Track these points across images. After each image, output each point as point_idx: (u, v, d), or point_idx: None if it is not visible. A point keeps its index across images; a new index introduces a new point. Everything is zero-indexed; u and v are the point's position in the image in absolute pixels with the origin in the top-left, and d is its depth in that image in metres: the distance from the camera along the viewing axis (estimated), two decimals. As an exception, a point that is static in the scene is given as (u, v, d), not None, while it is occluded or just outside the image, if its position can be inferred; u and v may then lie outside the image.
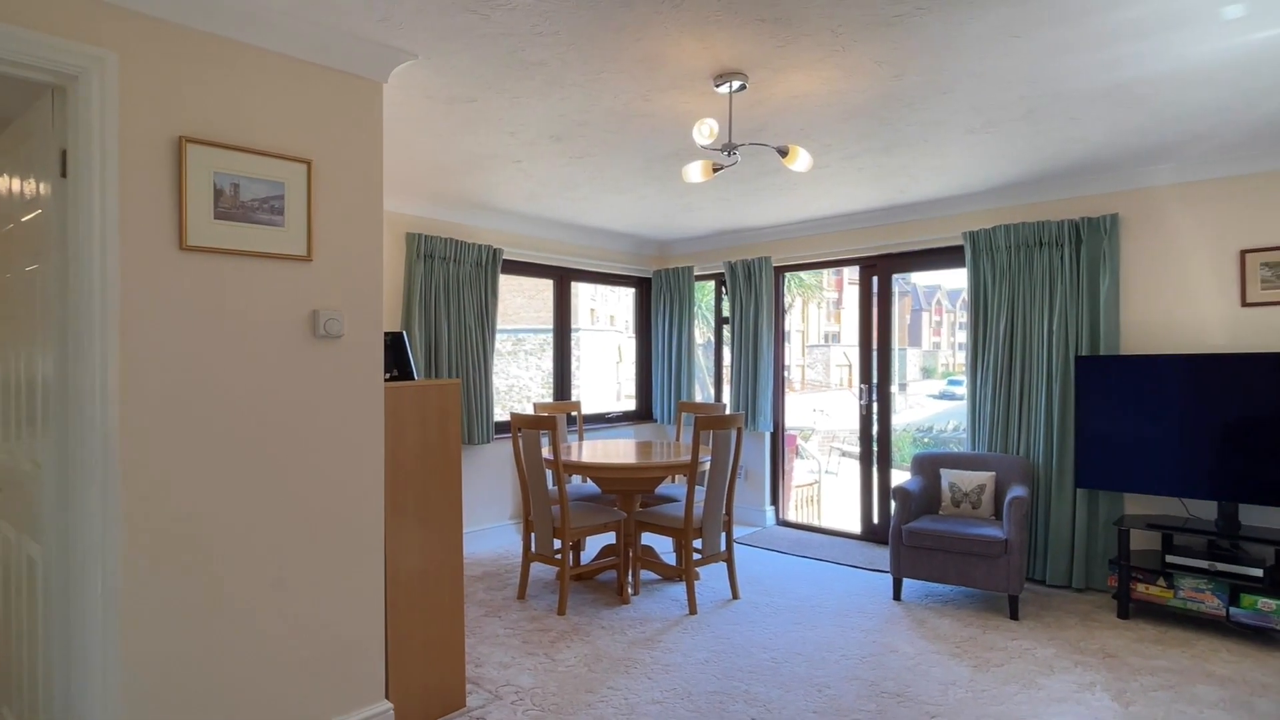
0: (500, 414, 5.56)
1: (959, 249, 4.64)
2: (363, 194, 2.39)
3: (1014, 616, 3.64)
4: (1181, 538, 3.69)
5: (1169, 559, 3.54)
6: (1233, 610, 3.36)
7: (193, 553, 2.03)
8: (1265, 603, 3.27)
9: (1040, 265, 4.22)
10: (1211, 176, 3.79)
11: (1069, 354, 4.10)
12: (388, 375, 2.73)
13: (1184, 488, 3.63)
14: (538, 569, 4.48)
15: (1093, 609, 3.78)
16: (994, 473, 4.12)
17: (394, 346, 2.79)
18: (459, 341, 4.78)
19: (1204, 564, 3.44)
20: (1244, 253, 3.72)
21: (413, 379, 2.75)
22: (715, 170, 2.93)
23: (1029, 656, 3.18)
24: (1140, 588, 3.61)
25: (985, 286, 4.47)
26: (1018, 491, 3.76)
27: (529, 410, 6.12)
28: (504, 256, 5.11)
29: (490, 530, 5.09)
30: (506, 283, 5.39)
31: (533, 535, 3.93)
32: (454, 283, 4.76)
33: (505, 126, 3.20)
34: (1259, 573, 3.30)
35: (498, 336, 5.21)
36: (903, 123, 3.18)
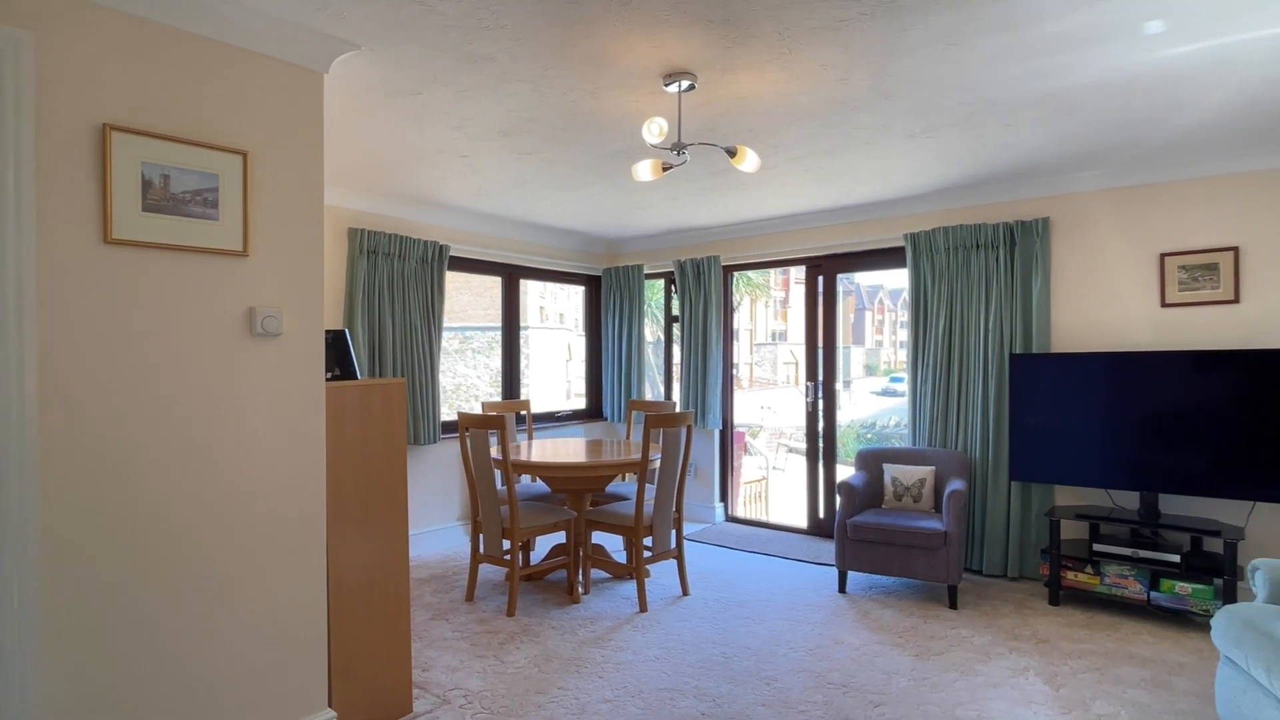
0: (447, 413, 5.47)
1: (901, 250, 4.77)
2: (302, 187, 2.31)
3: (953, 606, 3.76)
4: (1107, 527, 3.87)
5: (1096, 548, 3.72)
6: (1153, 595, 3.54)
7: (119, 561, 1.93)
8: (1182, 586, 3.47)
9: (977, 266, 4.37)
10: (1134, 183, 3.99)
11: (1004, 352, 4.26)
12: (329, 374, 2.65)
13: (1109, 479, 3.81)
14: (486, 570, 4.42)
15: (1026, 597, 3.93)
16: (934, 467, 4.25)
17: (336, 345, 2.71)
18: (404, 340, 4.68)
19: (1127, 552, 3.62)
20: (1163, 256, 3.92)
21: (356, 378, 2.68)
22: (665, 169, 2.94)
23: (967, 644, 3.30)
24: (1070, 575, 3.78)
25: (925, 286, 4.61)
26: (956, 485, 3.89)
27: (477, 409, 6.04)
28: (451, 253, 5.03)
29: (437, 532, 5.00)
30: (453, 280, 5.30)
31: (481, 536, 3.87)
32: (399, 279, 4.65)
33: (452, 121, 3.15)
34: (1176, 559, 3.49)
35: (444, 334, 5.12)
36: (847, 126, 3.24)
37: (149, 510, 1.99)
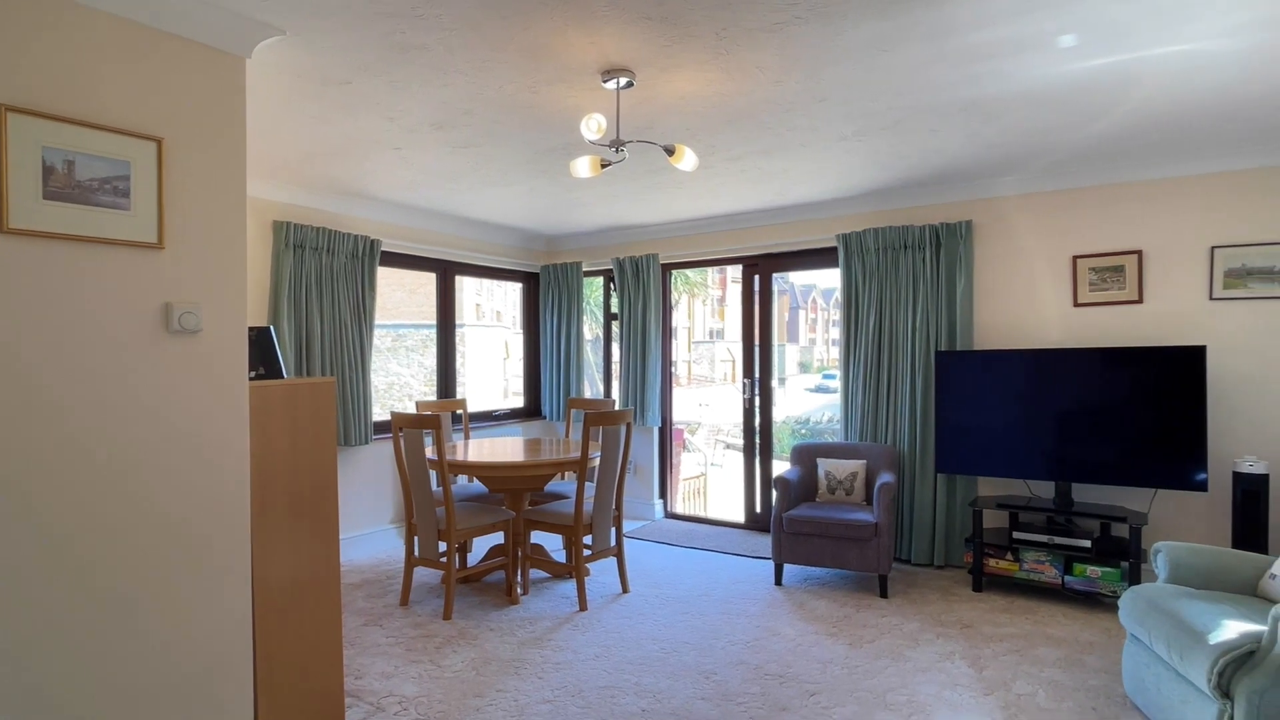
0: (380, 413, 5.32)
1: (833, 250, 4.89)
2: (223, 177, 2.20)
3: (884, 595, 3.89)
4: (1026, 516, 4.07)
5: (1015, 535, 3.90)
6: (1067, 579, 3.75)
7: (19, 577, 1.80)
8: (1093, 570, 3.68)
9: (905, 266, 4.52)
10: (1049, 188, 4.21)
11: (930, 349, 4.43)
12: (253, 373, 2.54)
13: (1027, 470, 4.01)
14: (422, 573, 4.32)
15: (952, 584, 4.10)
16: (865, 461, 4.39)
17: (260, 342, 2.60)
18: (334, 337, 4.53)
19: (1044, 539, 3.81)
20: (1075, 258, 4.15)
21: (282, 377, 2.57)
22: (603, 166, 2.93)
23: (897, 631, 3.41)
24: (992, 562, 3.96)
25: (857, 286, 4.74)
26: (886, 478, 4.02)
27: (411, 409, 5.90)
28: (383, 248, 4.89)
29: (370, 535, 4.86)
30: (386, 275, 5.15)
31: (416, 539, 3.78)
32: (327, 275, 4.49)
33: (383, 111, 3.05)
34: (1088, 544, 3.70)
35: (376, 332, 4.98)
36: (782, 128, 3.30)
37: (51, 520, 1.86)
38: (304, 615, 2.47)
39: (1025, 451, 4.01)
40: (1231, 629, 2.19)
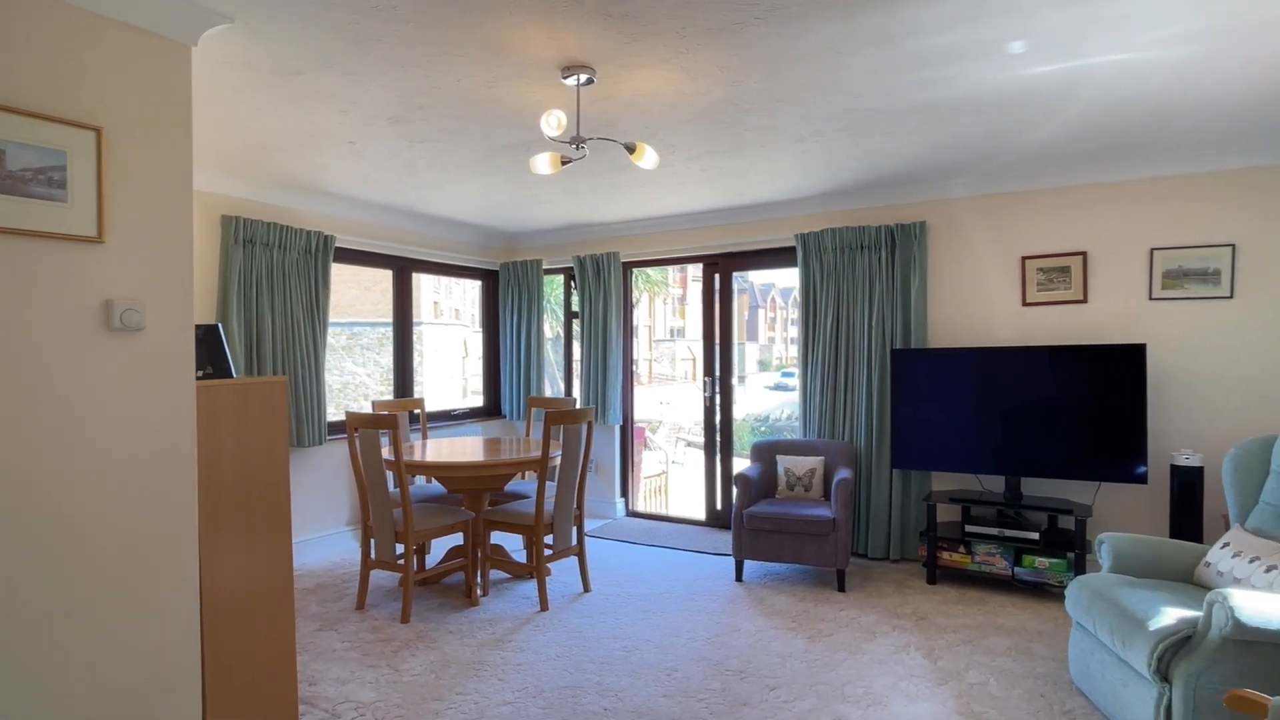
0: (335, 413, 5.20)
1: (792, 249, 4.95)
2: (168, 169, 2.12)
3: (841, 589, 3.95)
4: (977, 509, 4.18)
5: (968, 528, 4.01)
6: (1017, 570, 3.86)
7: (-54, 586, 1.71)
8: (1041, 561, 3.80)
9: (862, 266, 4.60)
10: (999, 191, 4.33)
11: (886, 348, 4.51)
12: (201, 373, 2.46)
13: (979, 465, 4.12)
14: (379, 576, 4.24)
15: (907, 577, 4.19)
16: (823, 457, 4.45)
17: (208, 341, 2.51)
18: (286, 335, 4.41)
19: (994, 531, 3.92)
20: (1024, 259, 4.28)
21: (231, 376, 2.49)
22: (564, 163, 2.91)
23: (854, 625, 3.47)
24: (945, 555, 4.06)
25: (815, 285, 4.81)
26: (843, 474, 4.09)
27: (367, 409, 5.78)
28: (337, 244, 4.78)
29: (325, 538, 4.75)
30: (340, 272, 5.04)
31: (373, 541, 3.71)
32: (279, 271, 4.37)
33: (337, 104, 2.98)
34: (1036, 536, 3.82)
35: (331, 330, 4.86)
36: (741, 127, 3.33)
37: (-17, 527, 1.77)
38: (255, 621, 2.40)
39: (977, 447, 4.12)
40: (1170, 615, 2.28)
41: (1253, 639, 2.07)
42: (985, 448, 4.10)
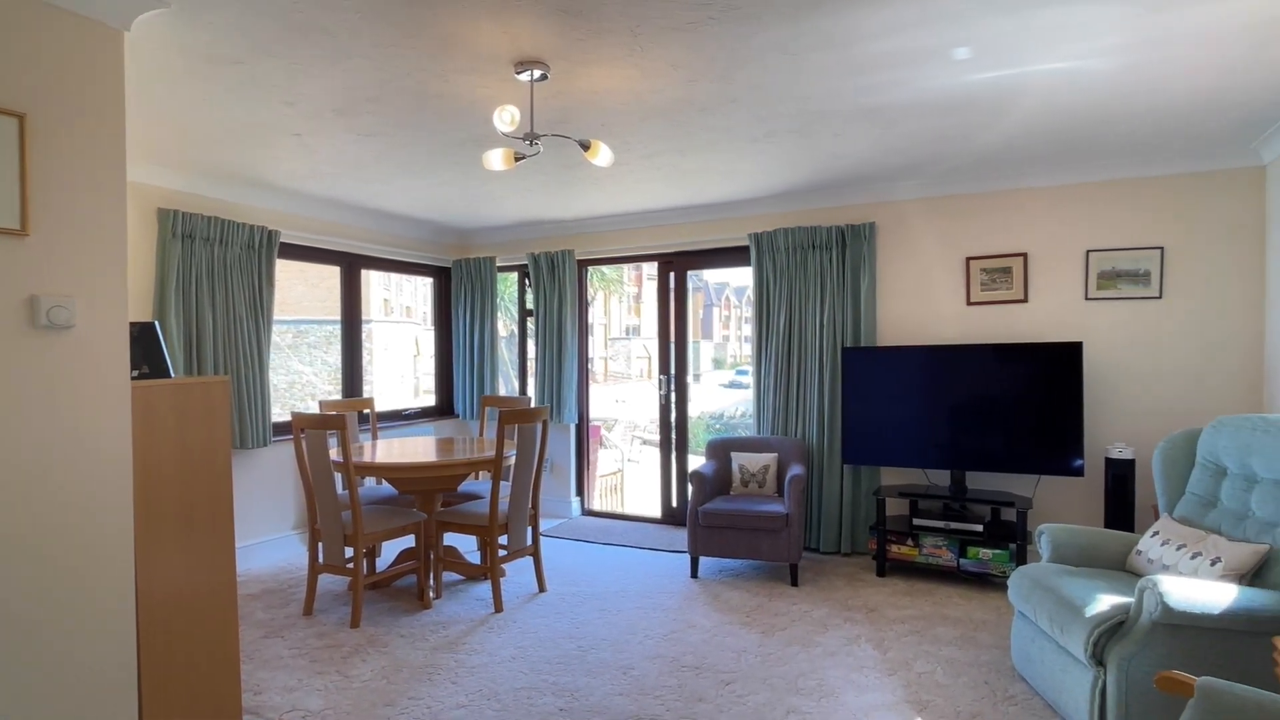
0: (280, 414, 5.05)
1: (746, 249, 5.00)
2: (99, 159, 2.02)
3: (794, 583, 4.01)
4: (924, 503, 4.29)
5: (915, 522, 4.11)
6: (962, 561, 3.98)
7: None
8: (985, 552, 3.92)
9: (813, 266, 4.68)
10: (944, 193, 4.45)
11: (837, 346, 4.60)
12: (136, 373, 2.35)
13: (926, 460, 4.23)
14: (327, 580, 4.14)
15: (858, 570, 4.28)
16: (777, 454, 4.51)
17: (143, 339, 2.41)
18: (228, 334, 4.26)
19: (940, 524, 4.03)
20: (968, 259, 4.41)
21: (168, 376, 2.39)
22: (517, 159, 2.87)
23: (807, 618, 3.53)
24: (894, 548, 4.16)
25: (768, 284, 4.87)
26: (796, 470, 4.15)
27: (314, 409, 5.63)
28: (282, 239, 4.63)
29: (271, 542, 4.61)
30: (286, 269, 4.89)
31: (320, 544, 3.61)
32: (220, 267, 4.22)
33: (282, 95, 2.89)
34: (980, 528, 3.94)
35: (275, 328, 4.71)
36: (696, 127, 3.34)
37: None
38: (196, 630, 2.31)
39: (924, 442, 4.23)
40: (1104, 602, 2.38)
41: (1180, 623, 2.17)
42: (932, 443, 4.21)
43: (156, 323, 2.96)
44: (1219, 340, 3.89)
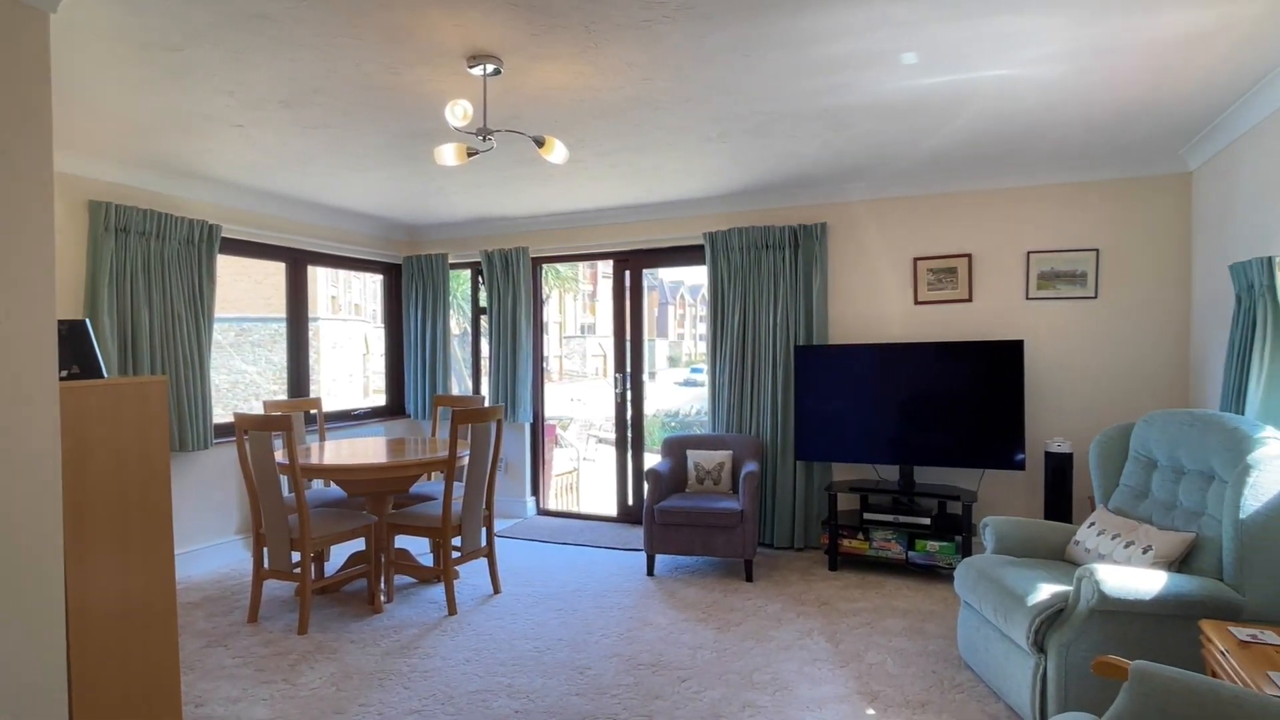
0: (223, 415, 4.88)
1: (700, 248, 5.03)
2: (22, 147, 1.91)
3: (749, 579, 4.06)
4: (874, 498, 4.39)
5: (866, 516, 4.20)
6: (910, 554, 4.08)
7: None
8: (932, 545, 4.03)
9: (767, 265, 4.73)
10: (893, 195, 4.55)
11: (790, 344, 4.66)
12: (64, 373, 2.24)
13: (875, 455, 4.32)
14: (273, 586, 4.01)
15: (810, 565, 4.35)
16: (731, 451, 4.55)
17: (73, 338, 2.29)
18: (165, 332, 4.09)
19: (889, 518, 4.13)
20: (916, 260, 4.52)
21: (101, 376, 2.28)
22: (470, 155, 2.83)
23: (762, 613, 3.57)
24: (845, 542, 4.24)
25: (722, 283, 4.91)
26: (750, 467, 4.20)
27: (258, 410, 5.45)
28: (224, 234, 4.47)
29: (213, 548, 4.45)
30: (228, 264, 4.71)
31: (265, 550, 3.50)
32: (157, 262, 4.05)
33: (222, 84, 2.79)
34: (927, 521, 4.05)
35: (217, 326, 4.55)
36: (651, 125, 3.35)
37: None
38: (132, 641, 2.21)
39: (873, 438, 4.32)
40: (1045, 591, 2.47)
41: (1115, 609, 2.26)
42: (881, 439, 4.31)
43: (88, 321, 2.82)
44: (1149, 338, 4.07)
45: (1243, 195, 3.26)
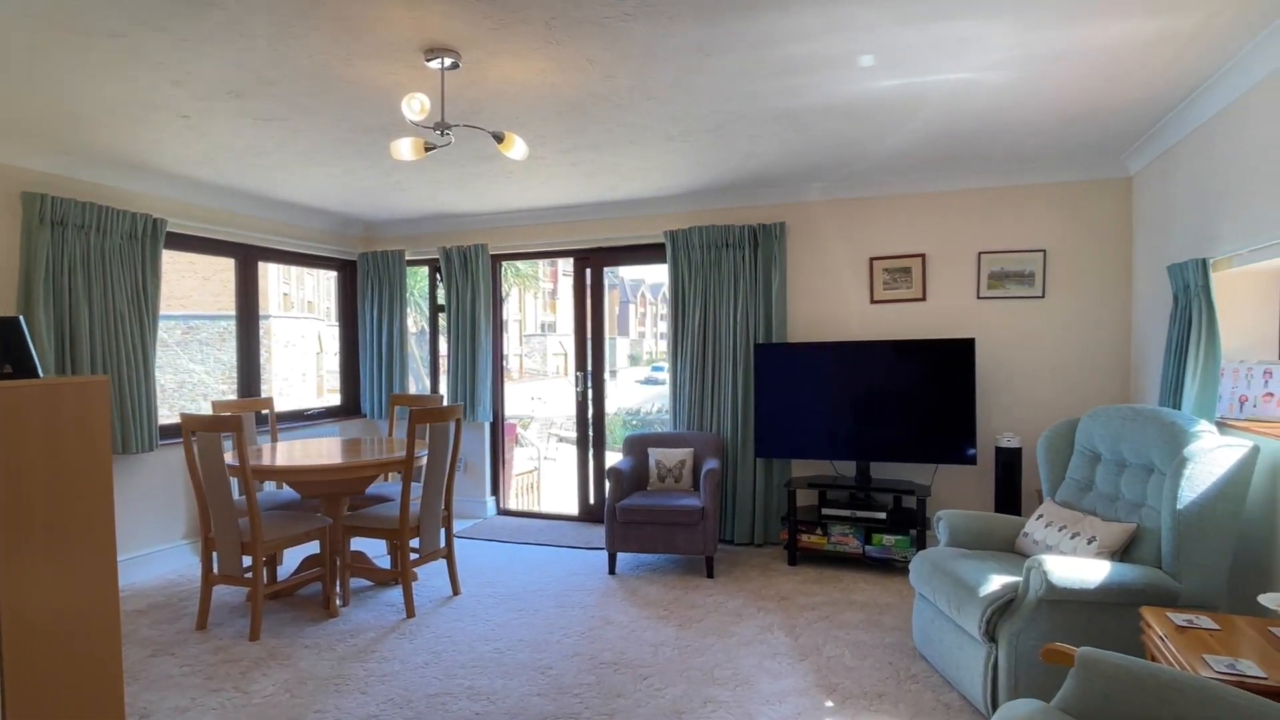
0: (169, 415, 4.71)
1: (661, 246, 5.04)
2: (-51, 136, 1.81)
3: (710, 575, 4.09)
4: (832, 493, 4.46)
5: (824, 511, 4.26)
6: (867, 548, 4.16)
7: None
8: (888, 539, 4.11)
9: (727, 264, 4.77)
10: (850, 196, 4.63)
11: (750, 342, 4.71)
12: (-3, 373, 2.13)
13: (833, 451, 4.39)
14: (223, 592, 3.89)
15: (770, 560, 4.40)
16: (693, 448, 4.58)
17: (6, 335, 2.19)
18: (107, 330, 3.93)
19: (847, 513, 4.20)
20: (872, 260, 4.60)
21: (36, 376, 2.18)
22: (428, 149, 2.78)
23: (722, 609, 3.60)
24: (804, 538, 4.30)
25: (683, 281, 4.93)
26: (711, 464, 4.22)
27: (207, 410, 5.28)
28: (170, 229, 4.31)
29: (159, 553, 4.29)
30: (174, 260, 4.56)
31: (215, 554, 3.40)
32: (98, 258, 3.89)
33: (168, 73, 2.69)
34: (883, 516, 4.13)
35: (163, 324, 4.39)
36: (612, 123, 3.34)
37: None
38: (71, 652, 2.12)
39: (831, 435, 4.39)
40: (996, 582, 2.54)
41: (1062, 598, 2.34)
42: (839, 435, 4.38)
43: (21, 318, 2.69)
44: (1094, 336, 4.22)
45: (1180, 199, 3.40)
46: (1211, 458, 2.40)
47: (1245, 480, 2.40)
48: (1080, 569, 2.37)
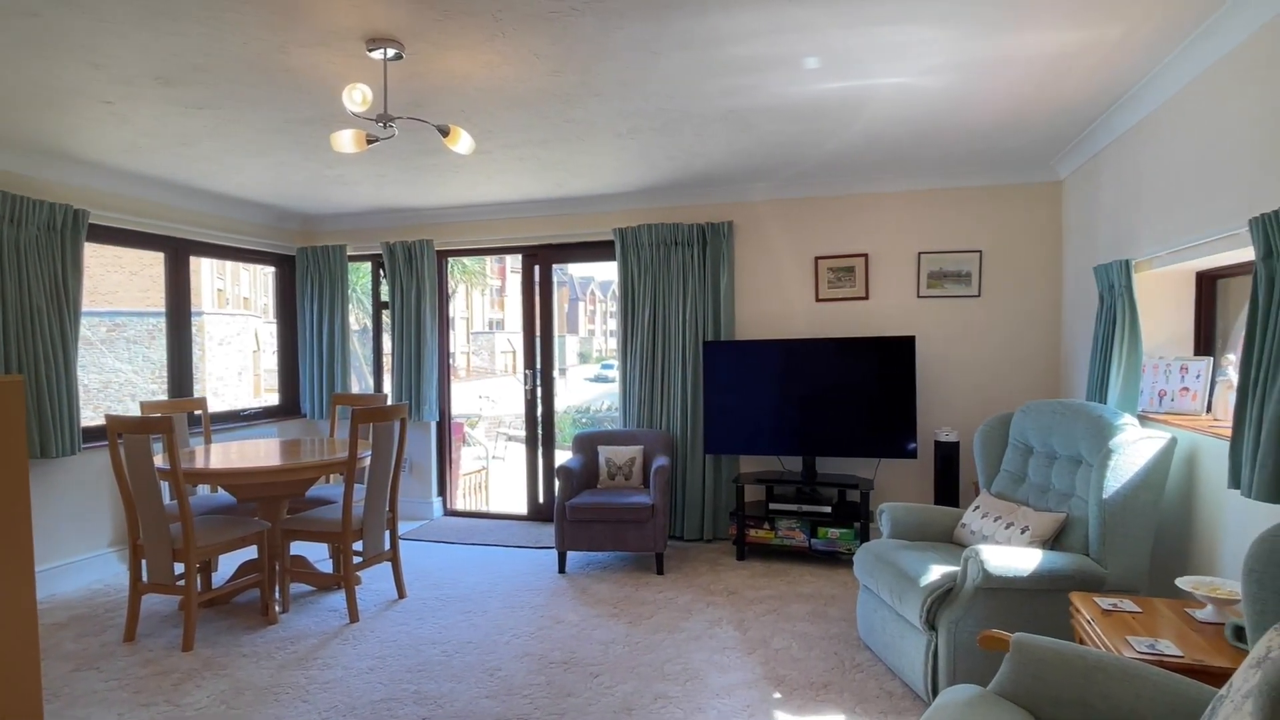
0: (93, 417, 4.47)
1: (611, 243, 5.03)
2: None
3: (660, 572, 4.10)
4: (779, 488, 4.52)
5: (771, 506, 4.33)
6: (813, 542, 4.24)
7: None
8: (833, 532, 4.20)
9: (676, 262, 4.79)
10: (795, 196, 4.70)
11: (699, 339, 4.74)
12: (-103, 373, 1.99)
13: (779, 447, 4.47)
14: (153, 601, 3.72)
15: (719, 555, 4.44)
16: (642, 446, 4.59)
17: (-92, 334, 2.04)
18: (22, 327, 3.70)
19: (793, 507, 4.27)
20: (817, 259, 4.69)
21: (-57, 377, 2.04)
22: (370, 142, 2.71)
23: (672, 605, 3.62)
24: (752, 532, 4.36)
25: (633, 279, 4.93)
26: (661, 461, 4.24)
27: (134, 411, 5.05)
28: (93, 220, 4.09)
29: (82, 562, 4.07)
30: (99, 254, 4.33)
31: (144, 562, 3.24)
32: (11, 250, 3.66)
33: (88, 56, 2.55)
34: (829, 509, 4.21)
35: (85, 321, 4.16)
36: (560, 119, 3.31)
37: None
38: (-17, 671, 1.99)
39: (778, 430, 4.46)
40: (935, 572, 2.62)
41: (998, 586, 2.43)
42: (785, 431, 4.45)
43: (-74, 314, 2.52)
44: (1026, 334, 4.40)
45: (1105, 203, 3.56)
46: (1134, 449, 2.52)
47: (1164, 470, 2.54)
48: (1015, 558, 2.46)
